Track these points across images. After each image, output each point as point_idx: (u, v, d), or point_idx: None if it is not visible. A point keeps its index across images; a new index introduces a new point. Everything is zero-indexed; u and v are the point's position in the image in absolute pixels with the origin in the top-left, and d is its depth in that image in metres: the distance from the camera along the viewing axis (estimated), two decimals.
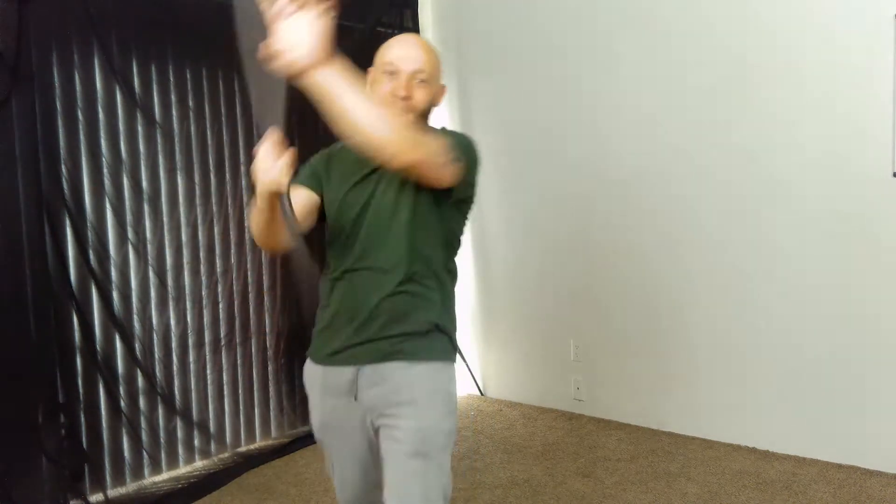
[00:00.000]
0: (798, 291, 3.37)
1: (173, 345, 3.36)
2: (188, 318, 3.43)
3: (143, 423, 3.25)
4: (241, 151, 3.60)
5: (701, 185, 3.60)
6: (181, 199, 3.39)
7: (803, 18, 3.27)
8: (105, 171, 3.10)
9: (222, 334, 3.55)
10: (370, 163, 1.69)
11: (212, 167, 3.50)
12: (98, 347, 3.10)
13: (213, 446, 3.52)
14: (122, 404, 3.17)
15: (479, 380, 4.54)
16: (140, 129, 3.24)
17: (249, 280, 3.65)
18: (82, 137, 3.04)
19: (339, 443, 1.83)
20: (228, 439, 3.59)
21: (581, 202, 3.96)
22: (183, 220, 3.39)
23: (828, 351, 3.31)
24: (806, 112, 3.29)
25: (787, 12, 3.31)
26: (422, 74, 1.72)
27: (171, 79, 3.35)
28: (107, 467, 3.15)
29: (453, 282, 1.84)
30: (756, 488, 3.11)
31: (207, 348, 3.49)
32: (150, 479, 3.28)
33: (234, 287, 3.60)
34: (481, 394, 4.53)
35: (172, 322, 3.36)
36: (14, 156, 2.86)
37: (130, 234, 3.19)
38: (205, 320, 3.49)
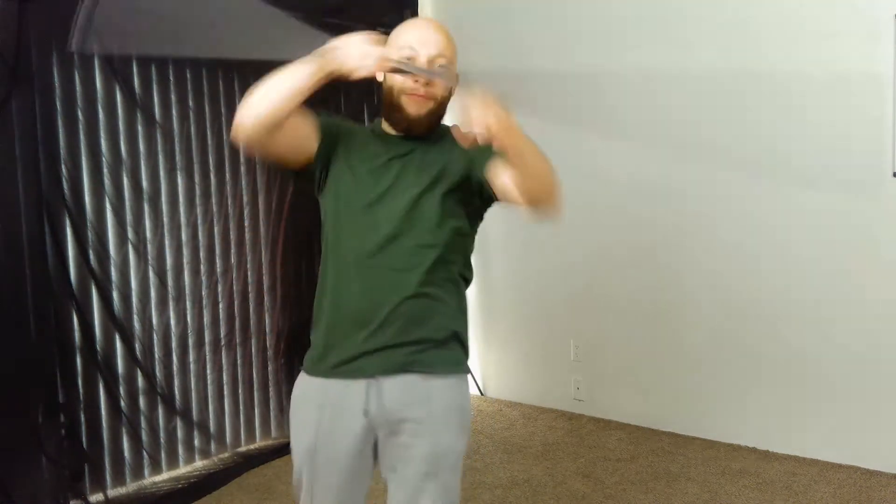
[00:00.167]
0: (798, 291, 3.38)
1: (173, 345, 3.36)
2: (188, 318, 3.43)
3: (143, 423, 3.25)
4: (241, 151, 3.60)
5: (700, 185, 3.60)
6: (181, 199, 3.38)
7: (803, 18, 3.27)
8: (105, 171, 3.10)
9: (222, 334, 3.55)
10: (394, 150, 1.61)
11: (212, 167, 3.50)
12: (98, 347, 3.09)
13: (213, 446, 3.52)
14: (122, 404, 3.16)
15: (479, 380, 4.53)
16: (140, 129, 3.24)
17: (249, 280, 3.65)
18: (82, 137, 3.03)
19: (330, 470, 1.64)
20: (228, 439, 3.59)
21: (581, 202, 3.96)
22: (183, 220, 3.39)
23: (828, 351, 3.31)
24: (806, 112, 3.29)
25: (787, 12, 3.30)
26: (441, 59, 1.59)
27: (171, 79, 3.35)
28: (107, 467, 3.15)
29: (467, 287, 1.76)
30: (756, 488, 3.11)
31: (207, 348, 3.48)
32: (150, 479, 3.27)
33: (234, 287, 3.60)
34: (481, 394, 4.53)
35: (172, 322, 3.36)
36: (14, 156, 2.86)
37: (130, 234, 3.19)
38: (205, 320, 3.49)
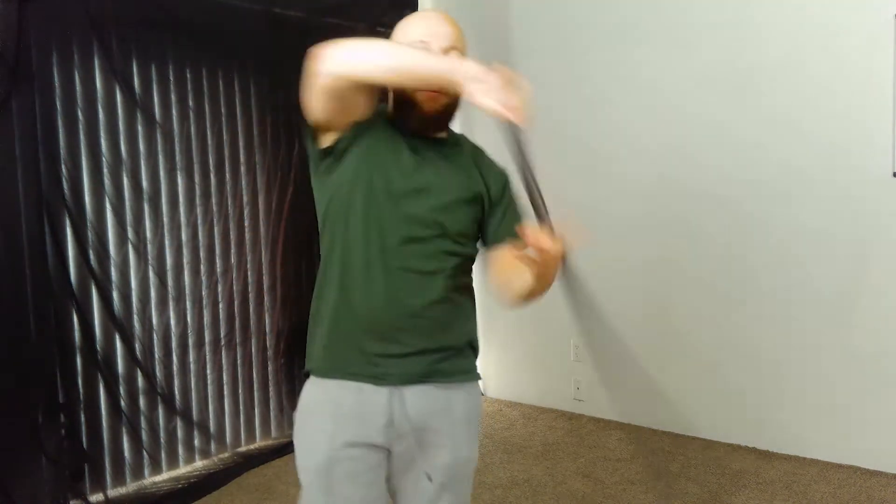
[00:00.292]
0: (797, 291, 3.38)
1: (173, 345, 3.36)
2: (188, 318, 3.43)
3: (143, 423, 3.25)
4: (241, 151, 3.60)
5: (700, 184, 3.60)
6: (181, 199, 3.38)
7: (803, 18, 3.27)
8: (105, 171, 3.10)
9: (222, 334, 3.55)
10: (422, 150, 1.56)
11: (212, 167, 3.49)
12: (98, 347, 3.10)
13: (213, 446, 3.52)
14: (122, 404, 3.16)
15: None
16: (140, 129, 3.24)
17: (249, 280, 3.65)
18: (82, 137, 3.03)
19: (351, 486, 1.53)
20: (228, 439, 3.59)
21: (580, 201, 3.96)
22: (183, 220, 3.39)
23: (828, 351, 3.31)
24: (806, 112, 3.29)
25: (787, 12, 3.31)
26: (454, 52, 1.54)
27: (171, 79, 3.35)
28: (107, 467, 3.15)
29: None
30: (756, 488, 3.11)
31: (207, 348, 3.49)
32: (150, 479, 3.27)
33: (234, 287, 3.60)
34: (481, 394, 4.53)
35: (172, 322, 3.36)
36: (14, 156, 2.86)
37: (130, 234, 3.19)
38: (205, 320, 3.49)
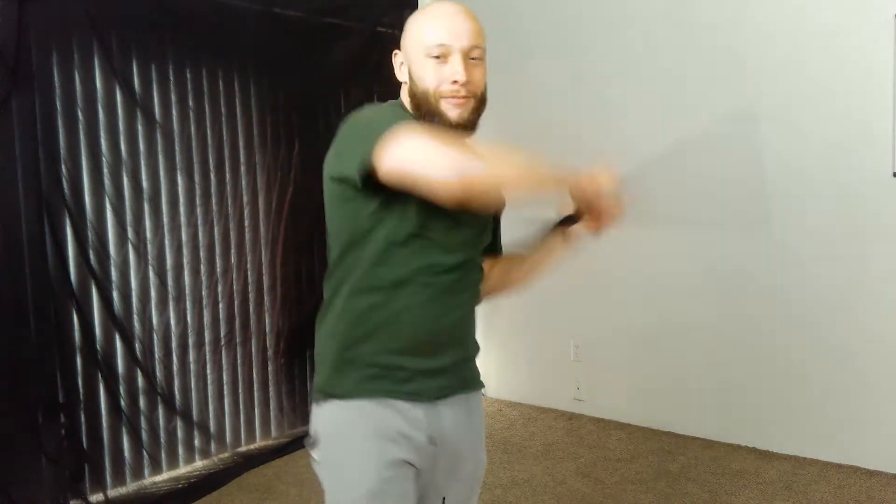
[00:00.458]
0: (797, 290, 3.37)
1: (173, 345, 3.36)
2: (188, 318, 3.43)
3: (143, 423, 3.25)
4: (241, 151, 3.60)
5: (700, 184, 3.59)
6: (181, 199, 3.38)
7: (803, 18, 3.27)
8: (105, 171, 3.10)
9: (222, 334, 3.55)
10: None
11: (212, 167, 3.49)
12: (98, 347, 3.10)
13: (213, 446, 3.52)
14: (122, 404, 3.16)
15: None
16: (140, 129, 3.24)
17: (249, 280, 3.65)
18: (82, 137, 3.03)
19: None
20: (228, 439, 3.59)
21: None
22: (183, 220, 3.39)
23: (827, 351, 3.31)
24: (806, 112, 3.29)
25: (787, 12, 3.31)
26: (477, 51, 1.42)
27: (171, 79, 3.35)
28: (107, 467, 3.15)
29: None
30: (756, 488, 3.11)
31: (207, 348, 3.49)
32: (150, 479, 3.27)
33: (234, 287, 3.60)
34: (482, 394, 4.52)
35: (172, 322, 3.36)
36: (14, 156, 2.86)
37: (130, 234, 3.19)
38: (205, 320, 3.49)
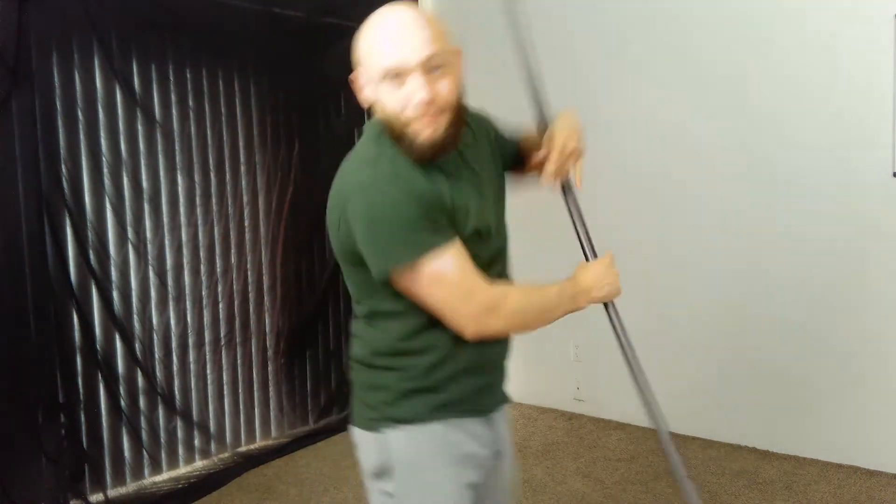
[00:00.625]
0: (797, 290, 3.37)
1: (173, 345, 3.36)
2: (188, 318, 3.43)
3: (143, 423, 3.25)
4: (241, 151, 3.60)
5: (697, 183, 3.60)
6: (181, 199, 3.39)
7: (803, 19, 3.27)
8: (105, 171, 3.10)
9: (222, 334, 3.55)
10: (463, 173, 1.46)
11: (212, 167, 3.50)
12: (98, 347, 3.10)
13: (213, 446, 3.52)
14: (122, 404, 3.17)
15: None
16: (140, 129, 3.24)
17: (249, 280, 3.65)
18: (82, 137, 3.04)
19: None
20: (228, 439, 3.59)
21: (579, 199, 3.96)
22: (183, 220, 3.39)
23: (827, 351, 3.31)
24: (806, 112, 3.29)
25: (787, 13, 3.30)
26: (437, 59, 1.28)
27: (171, 79, 3.35)
28: (107, 467, 3.15)
29: None
30: (756, 488, 3.11)
31: (207, 348, 3.49)
32: (150, 479, 3.28)
33: (234, 287, 3.60)
34: None
35: (172, 322, 3.36)
36: (14, 156, 2.86)
37: (130, 234, 3.19)
38: (205, 320, 3.49)
